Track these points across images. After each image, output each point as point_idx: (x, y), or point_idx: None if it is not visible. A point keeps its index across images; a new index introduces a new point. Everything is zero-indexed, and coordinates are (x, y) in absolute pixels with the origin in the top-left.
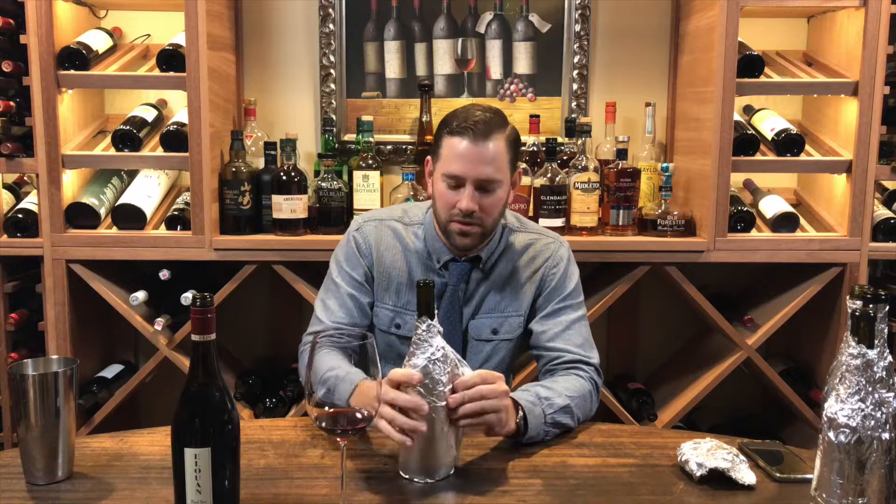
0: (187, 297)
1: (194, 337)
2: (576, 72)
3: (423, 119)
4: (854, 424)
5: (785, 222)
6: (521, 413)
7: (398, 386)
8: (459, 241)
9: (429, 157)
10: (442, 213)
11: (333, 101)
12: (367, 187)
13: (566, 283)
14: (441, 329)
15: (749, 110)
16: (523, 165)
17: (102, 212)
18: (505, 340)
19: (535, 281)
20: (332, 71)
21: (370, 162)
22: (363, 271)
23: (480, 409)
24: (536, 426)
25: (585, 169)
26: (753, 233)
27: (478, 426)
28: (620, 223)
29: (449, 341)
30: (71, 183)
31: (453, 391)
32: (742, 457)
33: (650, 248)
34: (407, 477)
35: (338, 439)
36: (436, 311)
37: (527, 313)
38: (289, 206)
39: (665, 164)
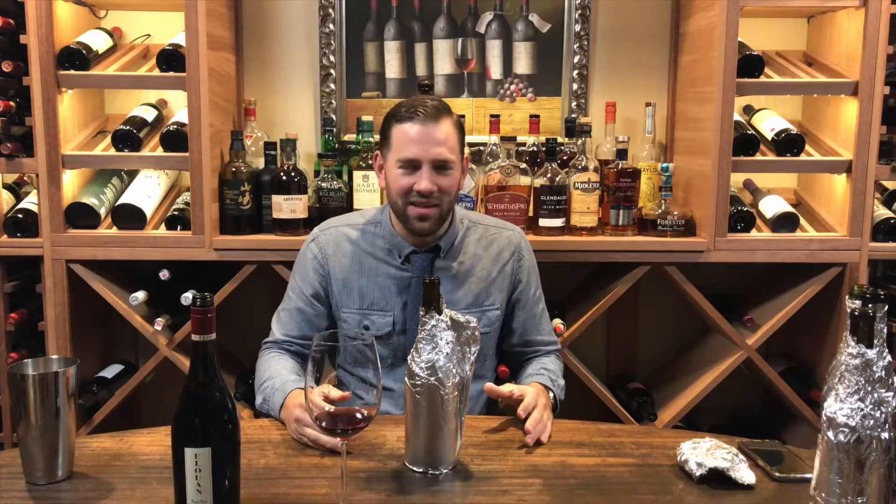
0: (187, 297)
1: (194, 337)
2: (576, 72)
3: None
4: (853, 424)
5: (785, 222)
6: (552, 395)
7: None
8: (418, 226)
9: (377, 152)
10: (399, 200)
11: (333, 101)
12: (367, 187)
13: (532, 276)
14: (449, 323)
15: (749, 110)
16: (522, 165)
17: (102, 212)
18: (484, 334)
19: (505, 274)
20: (332, 71)
21: (370, 162)
22: (315, 287)
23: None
24: (557, 406)
25: (585, 169)
26: (753, 233)
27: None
28: (620, 223)
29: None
30: (71, 183)
31: (524, 415)
32: (741, 456)
33: (650, 248)
34: (417, 470)
35: (338, 439)
36: (443, 306)
37: (504, 307)
38: (289, 206)
39: (665, 164)
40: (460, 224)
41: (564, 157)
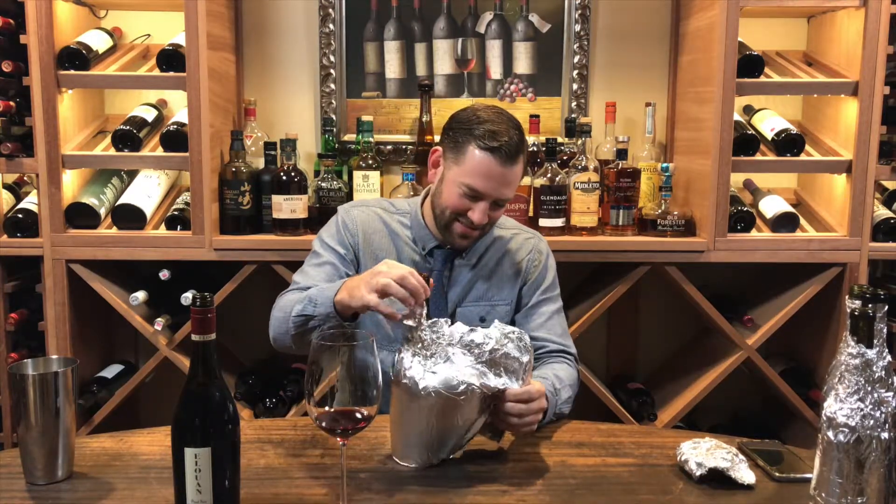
0: (187, 297)
1: (194, 337)
2: (576, 72)
3: (423, 119)
4: (853, 424)
5: (785, 222)
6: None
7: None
8: (458, 243)
9: (440, 148)
10: (447, 212)
11: (333, 101)
12: (367, 187)
13: (546, 276)
14: (428, 323)
15: (749, 110)
16: None
17: (102, 212)
18: None
19: (519, 272)
20: (332, 71)
21: (370, 162)
22: (347, 248)
23: (525, 424)
24: (549, 416)
25: (585, 169)
26: (753, 233)
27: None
28: (620, 223)
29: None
30: (71, 183)
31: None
32: (741, 456)
33: (650, 248)
34: (405, 465)
35: (338, 439)
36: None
37: (514, 303)
38: (289, 206)
39: (665, 164)
40: None
41: (564, 157)
